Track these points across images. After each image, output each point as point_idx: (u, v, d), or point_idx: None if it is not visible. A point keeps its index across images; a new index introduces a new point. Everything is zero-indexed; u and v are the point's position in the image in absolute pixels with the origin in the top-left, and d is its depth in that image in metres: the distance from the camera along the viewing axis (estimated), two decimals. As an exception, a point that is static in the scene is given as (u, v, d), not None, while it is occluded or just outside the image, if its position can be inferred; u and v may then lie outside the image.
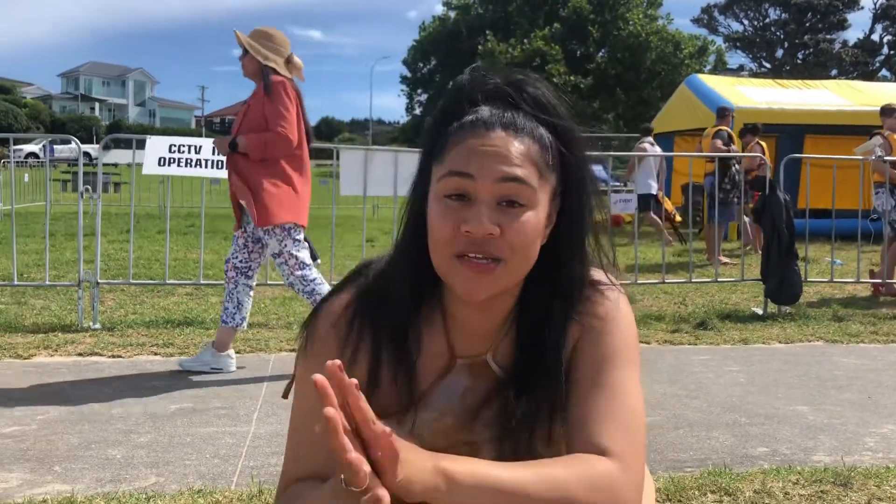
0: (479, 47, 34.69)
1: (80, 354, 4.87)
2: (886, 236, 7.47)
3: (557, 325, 1.20)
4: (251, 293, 4.70)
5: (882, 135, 7.82)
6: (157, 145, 6.07)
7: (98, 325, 5.59)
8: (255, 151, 4.38)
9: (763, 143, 10.56)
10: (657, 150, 11.57)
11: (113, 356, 4.86)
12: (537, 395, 1.18)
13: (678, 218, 12.75)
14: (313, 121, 5.14)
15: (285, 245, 4.45)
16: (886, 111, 8.00)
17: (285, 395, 1.34)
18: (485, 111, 1.13)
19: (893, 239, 7.47)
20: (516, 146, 1.10)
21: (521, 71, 1.21)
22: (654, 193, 10.80)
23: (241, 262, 4.59)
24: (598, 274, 1.25)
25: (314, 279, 4.50)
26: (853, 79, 34.06)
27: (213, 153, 6.04)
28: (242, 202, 4.44)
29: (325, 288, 4.46)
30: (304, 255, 4.53)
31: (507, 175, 1.08)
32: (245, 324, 4.67)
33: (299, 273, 4.47)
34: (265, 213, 4.35)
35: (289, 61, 4.65)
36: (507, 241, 1.09)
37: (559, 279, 1.19)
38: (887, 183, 7.49)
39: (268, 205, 4.35)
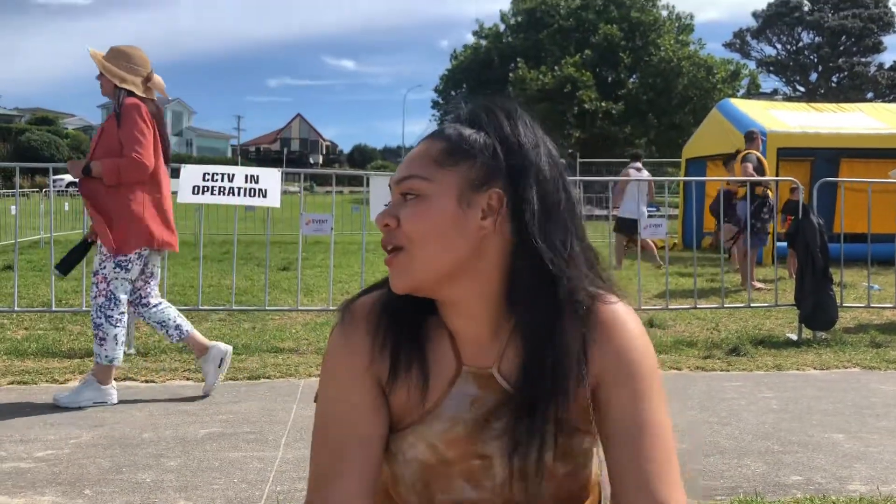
0: (511, 75, 34.85)
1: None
2: None
3: (561, 333, 1.20)
4: (166, 312, 4.66)
5: None
6: (191, 174, 6.16)
7: (133, 351, 5.67)
8: (109, 177, 4.25)
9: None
10: (644, 174, 11.51)
11: (146, 381, 4.92)
12: (543, 408, 1.19)
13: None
14: (346, 148, 5.18)
15: (104, 267, 4.34)
16: None
17: (317, 399, 1.35)
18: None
19: None
20: (419, 149, 1.22)
21: (484, 94, 1.37)
22: (636, 218, 10.76)
23: (130, 294, 4.49)
24: (602, 292, 1.27)
25: (111, 316, 4.33)
26: (889, 102, 33.63)
27: (247, 181, 6.12)
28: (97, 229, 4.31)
29: (115, 331, 4.34)
30: (120, 288, 4.37)
31: (399, 176, 1.21)
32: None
33: (100, 301, 4.33)
34: (119, 240, 4.28)
35: (148, 80, 4.54)
36: (403, 230, 1.18)
37: (545, 282, 1.19)
38: None
39: (121, 232, 4.28)
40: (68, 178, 34.02)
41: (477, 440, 1.24)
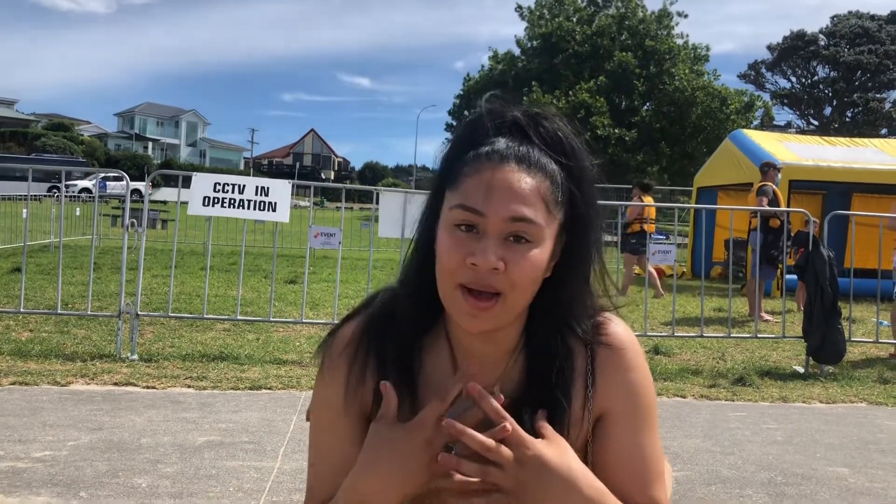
0: (525, 98, 34.94)
1: (115, 384, 4.93)
2: None
3: (566, 355, 1.21)
4: None
5: None
6: (202, 183, 6.16)
7: (135, 356, 5.67)
8: None
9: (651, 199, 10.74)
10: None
11: (147, 387, 4.91)
12: (532, 421, 1.18)
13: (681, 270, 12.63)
14: (358, 165, 5.16)
15: None
16: None
17: (309, 418, 1.36)
18: (501, 143, 1.15)
19: None
20: (528, 182, 1.12)
21: (538, 105, 1.23)
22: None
23: None
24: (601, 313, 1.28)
25: None
26: (904, 139, 33.59)
27: (257, 193, 6.14)
28: None
29: None
30: None
31: (516, 215, 1.10)
32: None
33: None
34: None
35: None
36: (509, 276, 1.10)
37: (563, 309, 1.21)
38: None
39: None
40: (81, 183, 34.28)
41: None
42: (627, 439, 1.21)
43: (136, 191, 26.36)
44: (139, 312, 6.03)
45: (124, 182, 6.66)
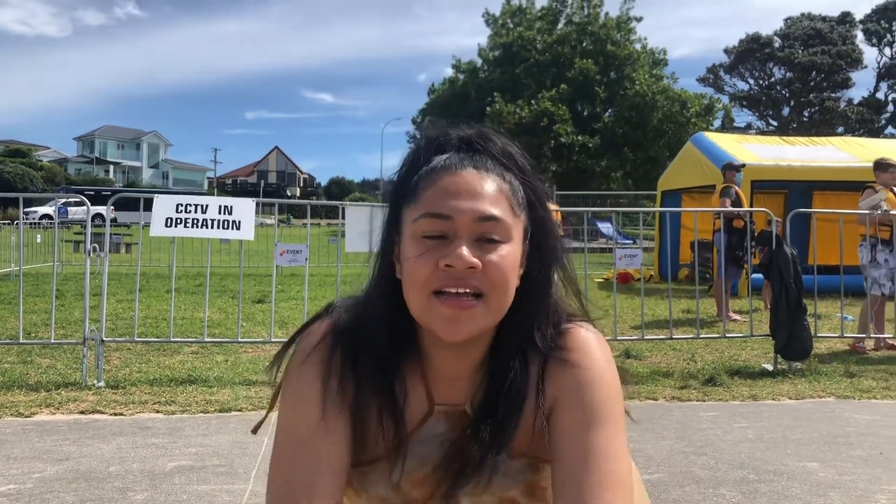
0: (488, 108, 35.13)
1: (81, 412, 4.84)
2: (883, 290, 7.43)
3: (525, 363, 1.19)
4: None
5: (875, 189, 7.82)
6: (164, 205, 6.09)
7: (102, 383, 5.57)
8: None
9: None
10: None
11: (114, 414, 4.82)
12: (486, 431, 1.16)
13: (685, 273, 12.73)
14: (324, 181, 5.13)
15: None
16: (881, 165, 7.97)
17: (254, 431, 1.31)
18: (452, 156, 1.16)
19: (879, 298, 7.45)
20: (488, 184, 1.12)
21: (483, 124, 1.24)
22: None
23: None
24: (570, 320, 1.26)
25: None
26: (860, 136, 34.27)
27: (220, 212, 6.08)
28: None
29: None
30: None
31: (484, 214, 1.10)
32: None
33: None
34: None
35: None
36: (487, 275, 1.09)
37: (527, 318, 1.19)
38: (866, 236, 7.47)
39: None
40: (42, 210, 33.77)
41: (443, 481, 1.19)
42: (571, 435, 1.13)
43: (98, 215, 26.11)
44: (104, 338, 5.93)
45: (85, 207, 6.56)
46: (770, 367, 6.55)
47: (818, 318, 7.41)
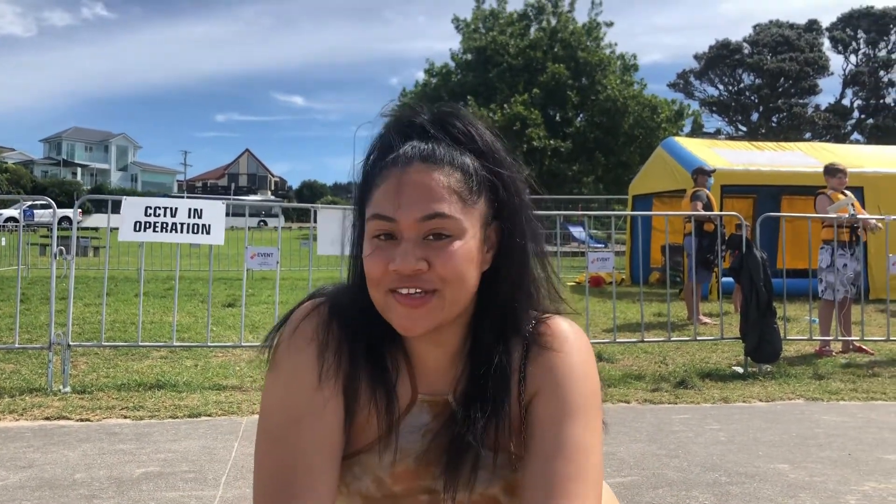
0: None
1: (46, 418, 4.74)
2: (836, 295, 7.54)
3: (504, 352, 1.18)
4: None
5: (826, 194, 7.93)
6: (132, 207, 5.99)
7: (68, 389, 5.47)
8: None
9: None
10: None
11: (81, 419, 4.73)
12: (479, 423, 1.15)
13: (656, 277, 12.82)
14: (295, 184, 5.08)
15: None
16: (830, 171, 8.10)
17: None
18: (406, 148, 1.13)
19: (844, 301, 7.56)
20: (436, 178, 1.10)
21: (449, 105, 1.21)
22: None
23: None
24: (550, 310, 1.25)
25: None
26: (826, 141, 34.77)
27: (190, 216, 6.01)
28: None
29: None
30: None
31: (428, 213, 1.08)
32: None
33: None
34: None
35: None
36: (436, 273, 1.08)
37: (503, 301, 1.18)
38: (835, 241, 7.56)
39: None
40: (7, 212, 33.24)
41: (425, 474, 1.17)
42: (547, 426, 1.12)
43: (65, 218, 25.73)
44: (70, 343, 5.83)
45: (52, 210, 6.45)
46: (740, 370, 6.60)
47: (787, 321, 7.48)
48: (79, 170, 77.02)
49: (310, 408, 1.11)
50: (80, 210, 6.42)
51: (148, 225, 5.94)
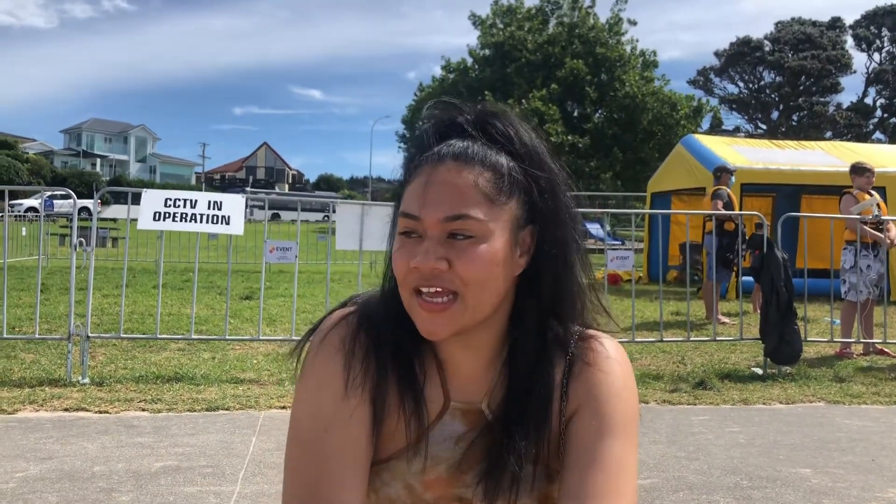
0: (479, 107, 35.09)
1: (65, 410, 4.76)
2: (859, 297, 7.45)
3: (547, 366, 1.16)
4: None
5: (851, 193, 7.83)
6: (152, 199, 6.02)
7: (87, 380, 5.49)
8: None
9: None
10: None
11: (99, 412, 4.75)
12: (524, 444, 1.13)
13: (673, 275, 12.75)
14: (313, 177, 5.08)
15: None
16: (857, 169, 7.98)
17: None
18: (441, 146, 1.12)
19: (866, 302, 7.47)
20: (464, 177, 1.08)
21: (493, 104, 1.19)
22: None
23: None
24: (593, 328, 1.22)
25: None
26: (847, 140, 34.45)
27: (209, 207, 6.02)
28: None
29: None
30: None
31: (449, 214, 1.06)
32: None
33: None
34: None
35: None
36: (457, 274, 1.06)
37: (541, 308, 1.15)
38: (858, 241, 7.46)
39: None
40: (27, 202, 33.49)
41: (458, 482, 1.15)
42: (586, 442, 1.11)
43: (84, 209, 25.90)
44: (90, 334, 5.85)
45: (71, 200, 6.48)
46: (760, 371, 6.53)
47: (807, 322, 7.41)
48: (98, 161, 77.54)
49: (337, 417, 1.11)
50: (98, 201, 6.44)
51: (168, 215, 5.96)
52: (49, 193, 28.14)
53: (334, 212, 6.54)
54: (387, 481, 1.16)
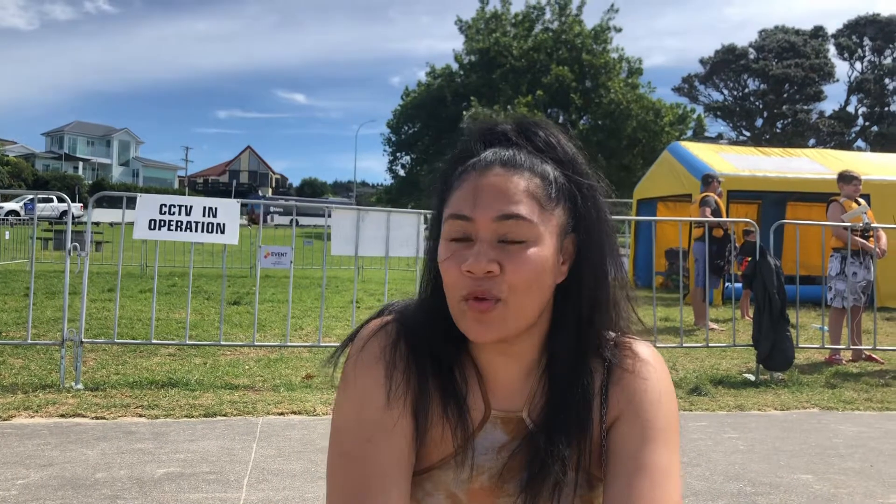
0: (464, 112, 35.16)
1: (61, 416, 4.71)
2: (846, 304, 7.52)
3: (586, 374, 1.16)
4: None
5: (839, 201, 7.90)
6: (147, 205, 5.95)
7: (80, 386, 5.44)
8: None
9: None
10: None
11: (96, 417, 4.70)
12: (566, 451, 1.13)
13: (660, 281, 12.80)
14: (296, 181, 5.05)
15: None
16: (845, 177, 8.06)
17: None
18: (487, 153, 1.13)
19: (855, 309, 7.55)
20: (514, 181, 1.09)
21: (533, 116, 1.21)
22: None
23: None
24: (627, 334, 1.22)
25: None
26: (830, 148, 34.75)
27: (204, 214, 5.98)
28: None
29: None
30: None
31: (504, 213, 1.06)
32: None
33: None
34: None
35: None
36: (506, 279, 1.06)
37: (581, 317, 1.15)
38: (849, 249, 7.53)
39: None
40: (8, 206, 33.17)
41: (501, 492, 1.15)
42: (630, 449, 1.11)
43: (64, 212, 25.65)
44: (83, 339, 5.80)
45: (55, 203, 6.41)
46: (752, 378, 6.57)
47: (797, 329, 7.46)
48: (80, 164, 76.91)
49: (380, 427, 1.10)
50: (80, 205, 6.40)
51: (163, 223, 5.91)
52: (30, 196, 27.87)
53: (330, 216, 6.51)
54: (430, 491, 1.16)
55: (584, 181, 1.15)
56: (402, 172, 43.71)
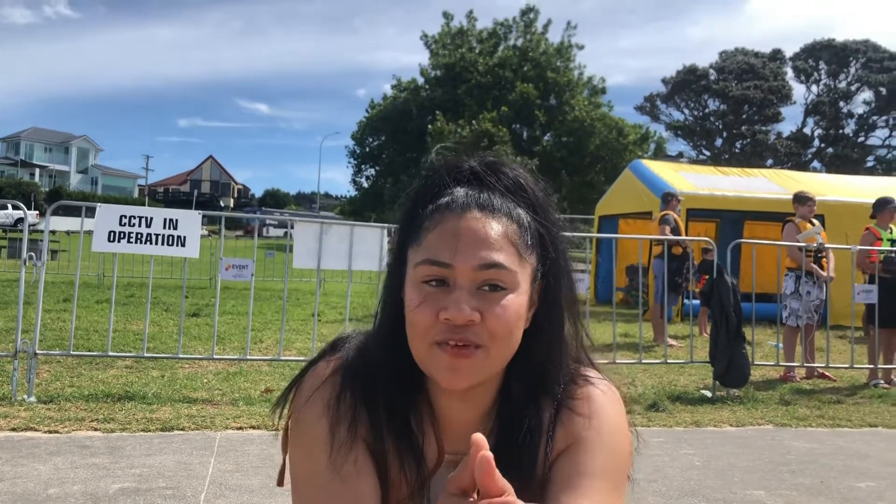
0: (429, 126, 35.29)
1: (13, 429, 4.62)
2: (800, 322, 7.69)
3: (535, 413, 1.15)
4: None
5: (794, 222, 8.09)
6: (107, 216, 5.85)
7: (33, 398, 5.34)
8: None
9: None
10: None
11: (49, 431, 4.62)
12: (524, 492, 1.13)
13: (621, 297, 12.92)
14: (259, 192, 5.00)
15: None
16: (800, 199, 8.24)
17: (280, 482, 1.24)
18: (460, 192, 1.11)
19: (808, 328, 7.72)
20: (494, 227, 1.07)
21: (494, 154, 1.19)
22: None
23: None
24: (586, 369, 1.21)
25: None
26: (787, 169, 35.49)
27: (165, 226, 5.91)
28: None
29: None
30: None
31: (486, 261, 1.04)
32: None
33: None
34: None
35: None
36: (486, 327, 1.04)
37: (538, 362, 1.14)
38: (803, 269, 7.70)
39: None
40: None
41: None
42: (564, 476, 1.09)
43: (19, 220, 25.18)
44: (37, 351, 5.69)
45: (9, 210, 6.31)
46: (709, 394, 6.67)
47: (753, 346, 7.59)
48: (37, 171, 75.55)
49: (330, 477, 1.10)
50: (37, 213, 6.30)
51: (122, 235, 5.82)
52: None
53: (292, 228, 6.48)
54: None
55: (554, 229, 1.15)
56: (365, 184, 43.68)
